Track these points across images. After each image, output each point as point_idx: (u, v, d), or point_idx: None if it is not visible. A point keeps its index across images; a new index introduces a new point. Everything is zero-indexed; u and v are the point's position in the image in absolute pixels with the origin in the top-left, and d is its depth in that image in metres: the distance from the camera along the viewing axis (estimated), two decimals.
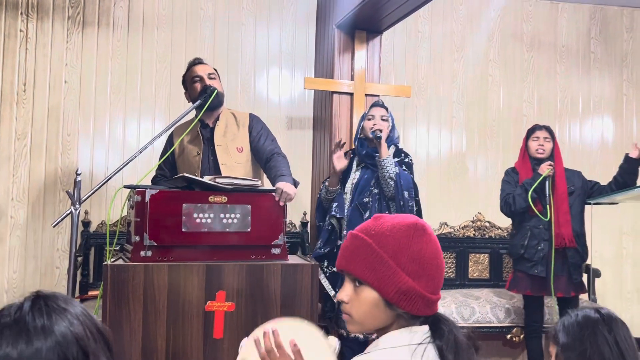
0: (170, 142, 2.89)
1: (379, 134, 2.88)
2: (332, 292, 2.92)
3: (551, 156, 3.34)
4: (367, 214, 2.89)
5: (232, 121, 2.82)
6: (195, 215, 2.24)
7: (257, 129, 2.82)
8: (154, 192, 2.21)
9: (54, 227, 3.05)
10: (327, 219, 2.99)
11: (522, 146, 3.44)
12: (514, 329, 3.62)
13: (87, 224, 3.81)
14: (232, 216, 2.28)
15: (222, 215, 2.27)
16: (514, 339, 3.64)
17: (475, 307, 3.63)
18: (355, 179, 3.00)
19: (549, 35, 4.67)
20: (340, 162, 2.96)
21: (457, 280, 4.23)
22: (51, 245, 3.81)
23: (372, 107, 3.08)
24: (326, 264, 2.97)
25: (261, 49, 4.19)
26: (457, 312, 3.58)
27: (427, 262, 1.18)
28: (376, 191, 2.93)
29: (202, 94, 2.69)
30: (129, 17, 3.99)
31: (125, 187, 2.36)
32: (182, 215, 2.22)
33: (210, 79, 2.78)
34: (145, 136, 3.93)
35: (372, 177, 2.95)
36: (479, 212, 4.33)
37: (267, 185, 2.60)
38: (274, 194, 2.37)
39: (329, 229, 2.98)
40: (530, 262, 3.24)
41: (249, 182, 2.37)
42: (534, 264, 3.22)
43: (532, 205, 3.19)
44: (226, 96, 2.88)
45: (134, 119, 3.97)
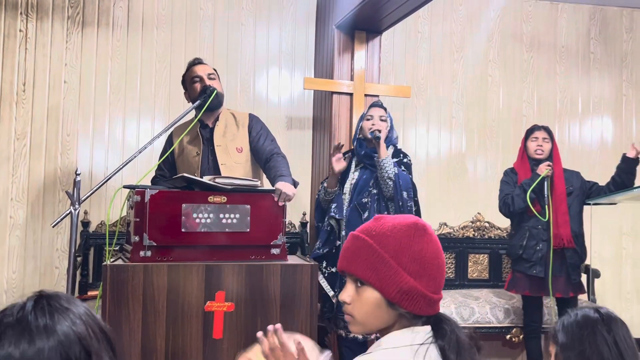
0: (169, 142, 2.89)
1: (377, 135, 2.87)
2: (331, 292, 2.92)
3: (550, 157, 3.34)
4: (366, 214, 2.89)
5: (231, 121, 2.82)
6: (194, 215, 2.24)
7: (256, 129, 2.82)
8: (154, 192, 2.21)
9: (54, 227, 3.03)
10: (326, 220, 2.99)
11: (521, 147, 3.45)
12: (514, 330, 3.62)
13: (86, 224, 3.80)
14: (232, 216, 2.28)
15: (221, 215, 2.27)
16: (514, 339, 3.64)
17: (474, 308, 3.63)
18: (354, 179, 3.00)
19: (549, 35, 4.67)
20: (339, 164, 2.96)
21: (457, 280, 4.23)
22: (50, 245, 3.81)
23: (370, 107, 3.08)
24: (325, 265, 2.97)
25: (261, 49, 4.19)
26: (456, 313, 3.58)
27: (428, 261, 1.19)
28: (375, 191, 2.93)
29: (202, 94, 2.69)
30: (129, 17, 3.99)
31: (124, 187, 2.36)
32: (181, 215, 2.22)
33: (210, 79, 2.78)
34: (144, 136, 3.93)
35: (371, 177, 2.95)
36: (478, 213, 4.33)
37: (267, 185, 2.60)
38: (274, 194, 2.37)
39: (328, 229, 2.97)
40: (528, 263, 3.24)
41: (248, 182, 2.37)
42: (533, 265, 3.22)
43: (530, 205, 3.19)
44: (226, 96, 2.88)
45: (134, 119, 3.97)
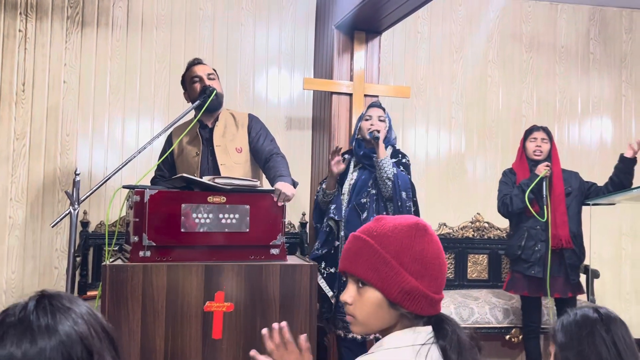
0: (169, 142, 2.89)
1: (376, 135, 2.87)
2: (330, 293, 2.92)
3: (548, 157, 3.34)
4: (364, 214, 2.89)
5: (231, 122, 2.82)
6: (194, 215, 2.24)
7: (256, 130, 2.82)
8: (153, 192, 2.21)
9: (53, 227, 3.02)
10: (325, 221, 2.99)
11: (520, 147, 3.45)
12: (513, 330, 3.62)
13: (85, 224, 3.80)
14: (231, 216, 2.28)
15: (221, 215, 2.27)
16: (513, 340, 3.64)
17: (474, 308, 3.63)
18: (352, 179, 3.00)
19: (548, 36, 4.67)
20: (338, 167, 2.96)
21: (456, 280, 4.23)
22: (50, 245, 3.80)
23: (369, 107, 3.07)
24: (323, 265, 2.96)
25: (260, 49, 4.19)
26: (456, 313, 3.58)
27: (430, 261, 1.19)
28: (374, 192, 2.93)
29: (202, 95, 2.69)
30: (128, 17, 3.99)
31: (124, 187, 2.36)
32: (181, 215, 2.22)
33: (209, 79, 2.78)
34: (144, 136, 3.93)
35: (370, 177, 2.95)
36: (477, 213, 4.33)
37: (266, 185, 2.60)
38: (273, 194, 2.37)
39: (327, 230, 2.97)
40: (527, 263, 3.24)
41: (247, 182, 2.37)
42: (531, 265, 3.22)
43: (529, 206, 3.19)
44: (225, 96, 2.88)
45: (133, 119, 3.97)
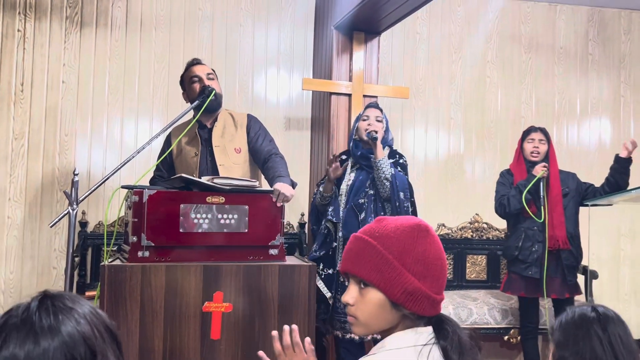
0: (168, 142, 2.88)
1: (374, 135, 2.87)
2: (329, 294, 2.91)
3: (546, 158, 3.34)
4: (362, 215, 2.88)
5: (230, 122, 2.82)
6: (192, 215, 2.24)
7: (255, 130, 2.81)
8: (152, 192, 2.20)
9: (51, 227, 3.03)
10: (323, 223, 2.99)
11: (517, 148, 3.45)
12: (512, 331, 3.63)
13: (84, 224, 3.80)
14: (230, 217, 2.28)
15: (219, 215, 2.27)
16: (512, 340, 3.64)
17: (472, 309, 3.63)
18: (350, 180, 3.00)
19: (547, 37, 4.68)
20: (335, 172, 2.95)
21: (455, 281, 4.23)
22: (48, 245, 3.80)
23: (366, 108, 3.07)
24: (322, 267, 2.96)
25: (259, 49, 4.19)
26: (454, 314, 3.58)
27: (432, 262, 1.19)
28: (371, 192, 2.92)
29: (201, 95, 2.69)
30: (127, 17, 3.98)
31: (122, 187, 2.35)
32: (179, 215, 2.22)
33: (208, 79, 2.78)
34: (143, 136, 3.93)
35: (367, 178, 2.95)
36: (476, 214, 4.33)
37: (265, 186, 2.60)
38: (272, 194, 2.37)
39: (325, 232, 2.97)
40: (524, 264, 3.24)
41: (246, 182, 2.37)
42: (528, 266, 3.22)
43: (526, 206, 3.19)
44: (224, 97, 2.88)
45: (132, 119, 3.97)
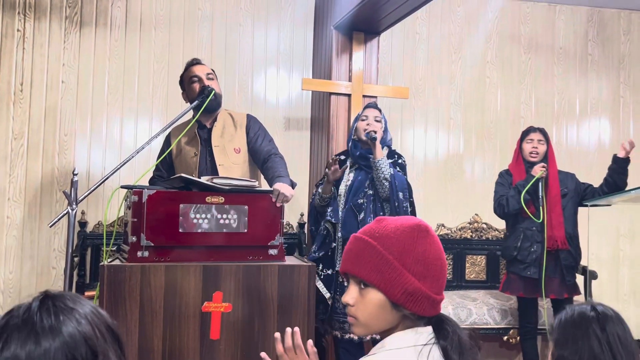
0: (167, 142, 2.88)
1: (373, 135, 2.87)
2: (328, 294, 2.91)
3: (545, 158, 3.34)
4: (361, 215, 2.88)
5: (229, 122, 2.82)
6: (192, 215, 2.23)
7: (254, 130, 2.81)
8: (151, 192, 2.20)
9: (51, 227, 3.03)
10: (322, 224, 2.99)
11: (516, 148, 3.45)
12: (511, 331, 3.63)
13: (83, 224, 3.80)
14: (229, 217, 2.28)
15: (219, 215, 2.27)
16: (511, 341, 3.64)
17: (472, 309, 3.63)
18: (349, 180, 2.99)
19: (547, 37, 4.68)
20: (335, 175, 2.95)
21: (454, 281, 4.23)
22: (47, 245, 3.80)
23: (365, 108, 3.07)
24: (321, 267, 2.96)
25: (259, 49, 4.19)
26: (454, 314, 3.58)
27: (432, 262, 1.19)
28: (370, 192, 2.92)
29: (200, 95, 2.69)
30: (127, 17, 3.98)
31: (122, 187, 2.35)
32: (179, 215, 2.22)
33: (208, 79, 2.77)
34: (142, 136, 3.93)
35: (366, 178, 2.94)
36: (476, 214, 4.33)
37: (265, 186, 2.60)
38: (271, 194, 2.37)
39: (324, 233, 2.97)
40: (523, 264, 3.24)
41: (246, 182, 2.37)
42: (527, 266, 3.22)
43: (524, 207, 3.19)
44: (224, 97, 2.87)
45: (131, 119, 3.96)
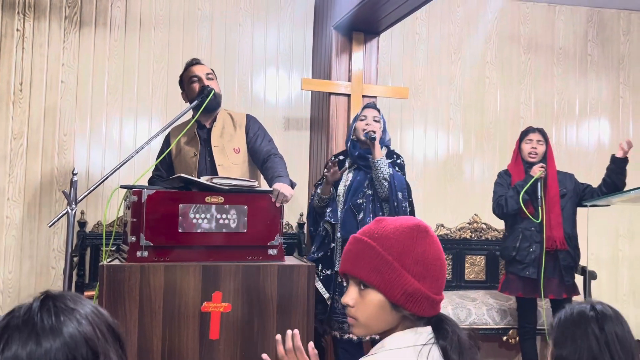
0: (167, 142, 2.88)
1: (372, 135, 2.87)
2: (327, 294, 2.91)
3: (544, 159, 3.33)
4: (360, 215, 2.88)
5: (229, 122, 2.82)
6: (191, 215, 2.23)
7: (253, 130, 2.81)
8: (151, 192, 2.20)
9: (50, 227, 3.03)
10: (321, 224, 2.99)
11: (515, 148, 3.45)
12: (510, 331, 3.63)
13: (83, 224, 3.80)
14: (229, 217, 2.28)
15: (218, 215, 2.27)
16: (510, 341, 3.64)
17: (471, 309, 3.63)
18: (348, 181, 2.99)
19: (546, 37, 4.68)
20: (334, 176, 2.95)
21: (454, 281, 4.23)
22: (47, 245, 3.80)
23: (364, 108, 3.07)
24: (320, 268, 2.96)
25: (258, 49, 4.19)
26: (453, 314, 3.58)
27: (431, 263, 1.19)
28: (370, 192, 2.92)
29: (200, 95, 2.69)
30: (126, 17, 3.98)
31: (121, 187, 2.35)
32: (178, 215, 2.22)
33: (208, 79, 2.77)
34: (142, 136, 3.93)
35: (365, 178, 2.94)
36: (475, 214, 4.33)
37: (264, 186, 2.60)
38: (271, 194, 2.37)
39: (323, 233, 2.96)
40: (521, 264, 3.24)
41: (245, 182, 2.37)
42: (526, 266, 3.22)
43: (523, 207, 3.19)
44: (223, 97, 2.87)
45: (131, 119, 3.96)
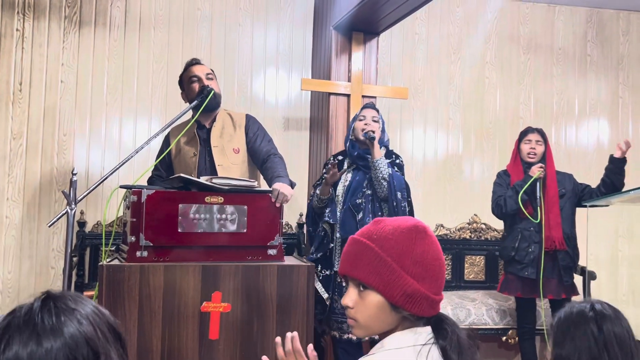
0: (166, 142, 2.88)
1: (372, 135, 2.87)
2: (325, 295, 2.91)
3: (543, 159, 3.34)
4: (360, 215, 2.88)
5: (228, 122, 2.82)
6: (191, 215, 2.24)
7: (253, 130, 2.81)
8: (151, 192, 2.20)
9: (50, 227, 3.03)
10: (320, 225, 2.99)
11: (514, 149, 3.45)
12: (510, 331, 3.63)
13: (82, 224, 3.80)
14: (229, 217, 2.28)
15: (218, 215, 2.27)
16: (510, 341, 3.64)
17: (470, 309, 3.64)
18: (346, 181, 2.99)
19: (546, 37, 4.69)
20: (334, 177, 2.95)
21: (453, 282, 4.23)
22: (46, 245, 3.79)
23: (363, 108, 3.07)
24: (319, 268, 2.96)
25: (258, 49, 4.19)
26: (452, 314, 3.58)
27: (430, 263, 1.19)
28: (369, 192, 2.92)
29: (200, 95, 2.69)
30: (126, 17, 3.98)
31: (121, 187, 2.35)
32: (178, 215, 2.22)
33: (207, 79, 2.77)
34: (141, 136, 3.93)
35: (364, 178, 2.94)
36: (475, 214, 4.33)
37: (264, 186, 2.60)
38: (271, 194, 2.37)
39: (322, 234, 2.97)
40: (520, 265, 3.24)
41: (245, 182, 2.37)
42: (525, 266, 3.22)
43: (522, 207, 3.19)
44: (223, 97, 2.87)
45: (130, 119, 3.96)
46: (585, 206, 3.33)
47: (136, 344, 2.11)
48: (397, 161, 3.00)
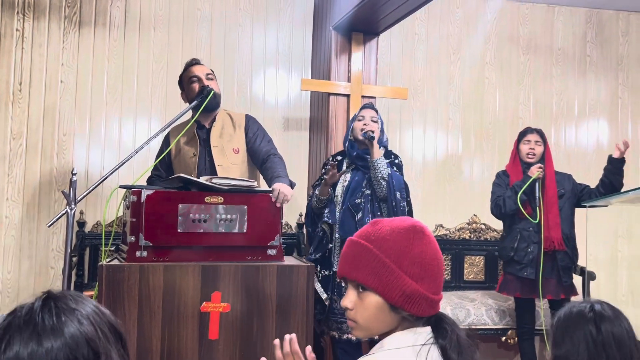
0: (166, 142, 2.88)
1: (371, 135, 2.87)
2: (325, 295, 2.92)
3: (542, 159, 3.34)
4: (359, 215, 2.88)
5: (228, 122, 2.82)
6: (191, 215, 2.24)
7: (253, 130, 2.82)
8: (150, 192, 2.21)
9: (49, 227, 3.03)
10: (319, 225, 2.99)
11: (514, 149, 3.45)
12: (509, 332, 3.63)
13: (82, 224, 3.80)
14: (228, 217, 2.28)
15: (218, 215, 2.27)
16: (509, 341, 3.64)
17: (470, 309, 3.64)
18: (346, 181, 2.99)
19: (545, 38, 4.69)
20: (334, 178, 2.95)
21: (453, 282, 4.23)
22: (46, 245, 3.79)
23: (362, 108, 3.08)
24: (319, 269, 2.96)
25: (258, 50, 4.19)
26: (452, 314, 3.58)
27: (428, 263, 1.19)
28: (368, 192, 2.92)
29: (200, 95, 2.69)
30: (126, 17, 3.98)
31: (121, 187, 2.35)
32: (178, 215, 2.22)
33: (207, 79, 2.78)
34: (141, 136, 3.93)
35: (363, 178, 2.94)
36: (474, 215, 4.34)
37: (264, 186, 2.60)
38: (271, 195, 2.37)
39: (321, 234, 2.96)
40: (519, 265, 3.24)
41: (245, 182, 2.37)
42: (524, 267, 3.22)
43: (521, 207, 3.19)
44: (222, 97, 2.88)
45: (130, 119, 3.96)
46: (584, 206, 3.34)
47: (136, 344, 2.11)
48: (396, 161, 3.01)
